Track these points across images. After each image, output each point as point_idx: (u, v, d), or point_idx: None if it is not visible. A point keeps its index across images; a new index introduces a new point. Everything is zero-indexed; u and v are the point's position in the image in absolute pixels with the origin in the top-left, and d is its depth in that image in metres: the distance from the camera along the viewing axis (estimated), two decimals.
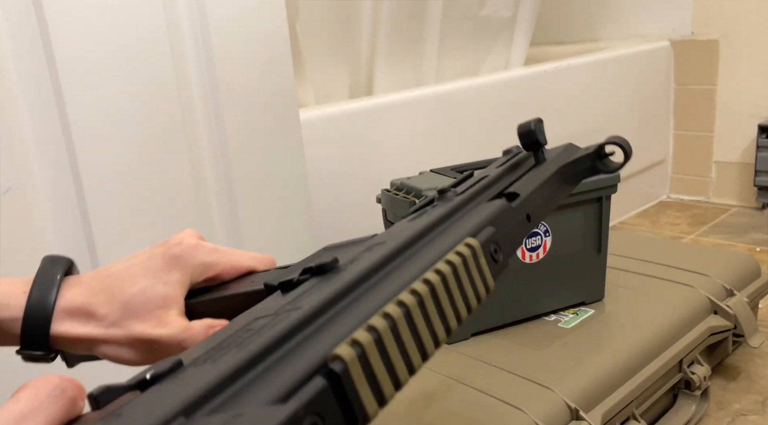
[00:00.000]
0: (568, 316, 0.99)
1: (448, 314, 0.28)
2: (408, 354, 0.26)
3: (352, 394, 0.22)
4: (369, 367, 0.24)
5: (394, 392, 0.25)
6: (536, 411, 0.76)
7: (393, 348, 0.25)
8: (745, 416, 1.00)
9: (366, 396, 0.23)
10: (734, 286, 1.08)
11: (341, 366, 0.22)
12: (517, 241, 0.37)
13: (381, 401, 0.24)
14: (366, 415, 0.23)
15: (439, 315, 0.28)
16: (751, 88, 1.90)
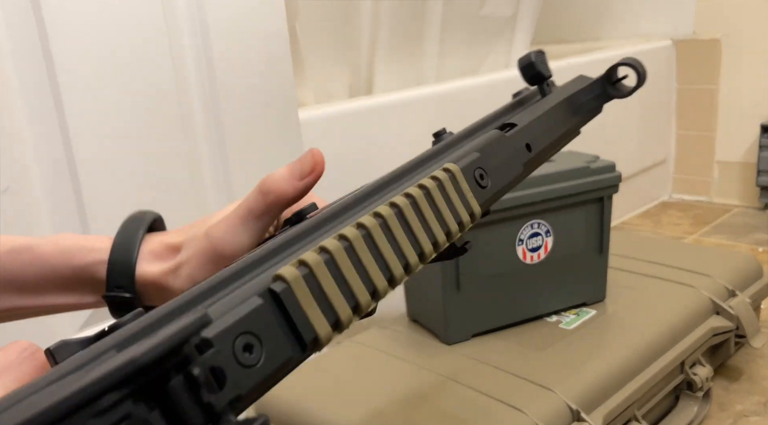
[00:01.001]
0: (569, 317, 0.99)
1: (421, 236, 0.27)
2: (369, 275, 0.24)
3: (297, 314, 0.22)
4: (318, 287, 0.23)
5: (352, 315, 0.23)
6: (537, 413, 0.76)
7: (349, 269, 0.24)
8: (747, 417, 0.99)
9: (315, 316, 0.22)
10: (736, 287, 1.08)
11: (282, 286, 0.22)
12: (514, 170, 0.35)
13: (336, 324, 0.23)
14: (316, 336, 0.22)
15: (408, 237, 0.26)
16: (754, 87, 1.89)
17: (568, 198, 0.95)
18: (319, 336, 0.22)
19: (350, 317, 0.23)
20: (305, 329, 0.22)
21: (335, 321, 0.23)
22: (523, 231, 0.94)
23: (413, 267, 0.27)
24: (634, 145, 1.92)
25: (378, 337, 0.99)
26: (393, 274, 0.25)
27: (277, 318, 0.21)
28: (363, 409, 0.81)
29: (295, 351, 0.22)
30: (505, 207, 0.91)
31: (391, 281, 0.25)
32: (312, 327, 0.22)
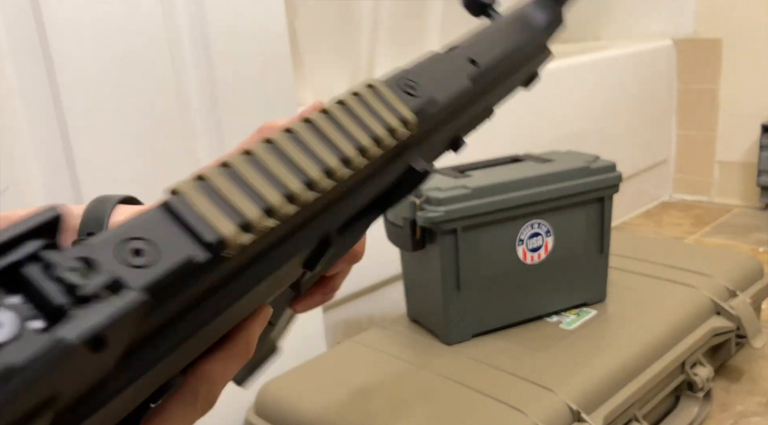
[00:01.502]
0: (569, 317, 0.99)
1: (339, 142, 0.27)
2: (279, 179, 0.24)
3: (192, 218, 0.22)
4: (218, 194, 0.23)
5: (262, 215, 0.23)
6: (538, 413, 0.75)
7: (252, 176, 0.24)
8: (748, 418, 0.99)
9: (215, 218, 0.22)
10: (737, 287, 1.07)
11: (175, 197, 0.22)
12: (458, 82, 0.35)
13: (245, 225, 0.23)
14: (221, 236, 0.22)
15: (323, 143, 0.26)
16: (754, 87, 1.89)
17: (568, 198, 0.95)
18: (224, 235, 0.22)
19: (260, 217, 0.23)
20: (205, 230, 0.22)
21: (243, 222, 0.23)
22: (524, 231, 0.94)
23: (336, 171, 0.26)
24: (635, 145, 1.92)
25: (378, 337, 0.98)
26: (310, 177, 0.25)
27: (174, 225, 0.22)
28: (363, 409, 0.81)
29: (198, 251, 0.21)
30: (505, 207, 0.91)
31: (311, 184, 0.25)
32: (213, 227, 0.22)
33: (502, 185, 0.91)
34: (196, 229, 0.22)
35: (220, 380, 0.27)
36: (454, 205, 0.88)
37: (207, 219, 0.22)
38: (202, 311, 0.24)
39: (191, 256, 0.21)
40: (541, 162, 1.00)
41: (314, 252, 0.29)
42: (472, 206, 0.89)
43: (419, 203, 0.90)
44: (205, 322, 0.24)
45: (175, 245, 0.21)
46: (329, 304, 1.15)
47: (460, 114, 0.37)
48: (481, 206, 0.89)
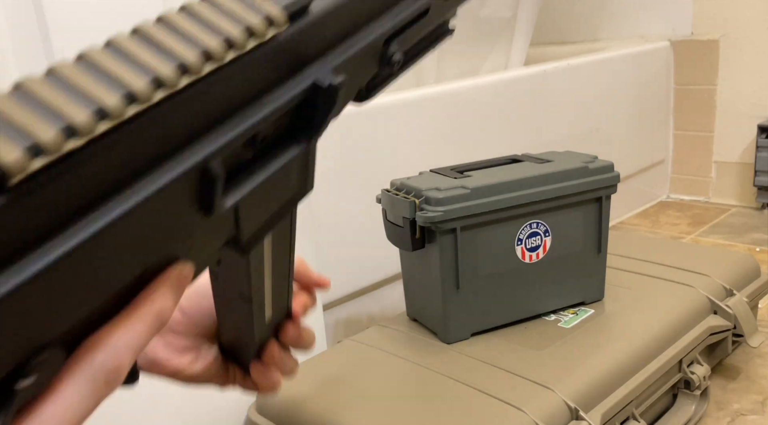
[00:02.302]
0: (567, 316, 0.99)
1: (176, 48, 0.23)
2: (88, 94, 0.20)
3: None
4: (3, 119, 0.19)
5: (61, 135, 0.19)
6: (536, 411, 0.76)
7: (49, 92, 0.20)
8: (745, 416, 1.00)
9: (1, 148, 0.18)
10: (734, 286, 1.08)
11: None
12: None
13: (34, 147, 0.19)
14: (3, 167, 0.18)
15: (154, 51, 0.22)
16: (751, 88, 1.90)
17: (566, 198, 0.96)
18: (5, 162, 0.18)
19: (57, 137, 0.19)
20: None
21: (31, 144, 0.19)
22: (522, 231, 0.94)
23: (167, 80, 0.22)
24: (632, 145, 1.93)
25: (377, 336, 0.99)
26: (131, 88, 0.21)
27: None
28: (362, 408, 0.81)
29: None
30: (504, 207, 0.91)
31: (131, 96, 0.21)
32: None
33: (500, 185, 0.92)
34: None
35: (123, 348, 0.24)
36: (453, 205, 0.89)
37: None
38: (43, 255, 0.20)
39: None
40: (539, 162, 1.01)
41: (201, 189, 0.25)
42: (471, 206, 0.89)
43: (419, 203, 0.90)
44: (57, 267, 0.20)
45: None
46: (329, 303, 1.16)
47: (375, 17, 0.32)
48: (480, 206, 0.90)
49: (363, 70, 0.33)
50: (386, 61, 0.34)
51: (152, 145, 0.23)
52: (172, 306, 0.26)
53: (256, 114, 0.26)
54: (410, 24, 0.35)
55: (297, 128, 0.29)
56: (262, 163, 0.28)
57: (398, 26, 0.34)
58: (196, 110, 0.24)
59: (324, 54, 0.29)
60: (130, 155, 0.22)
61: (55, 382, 0.22)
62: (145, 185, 0.23)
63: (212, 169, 0.25)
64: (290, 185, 0.31)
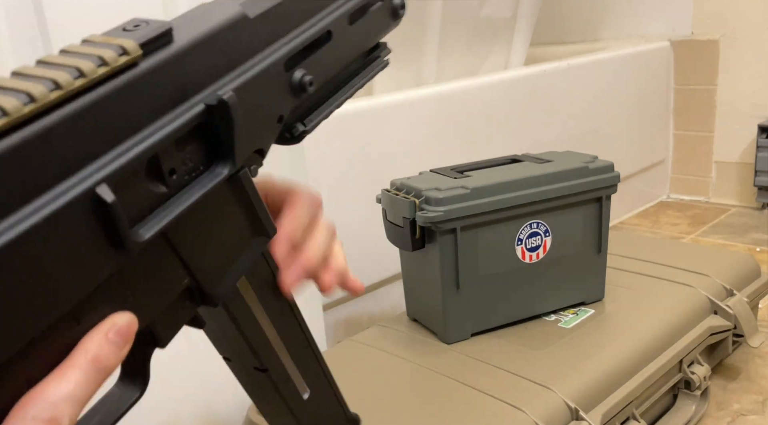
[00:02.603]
0: (568, 316, 0.99)
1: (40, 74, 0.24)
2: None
3: None
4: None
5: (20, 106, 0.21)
6: (536, 411, 0.76)
7: None
8: (745, 416, 1.00)
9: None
10: (734, 286, 1.08)
11: None
12: (225, 11, 0.31)
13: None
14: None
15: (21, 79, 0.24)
16: (751, 88, 1.90)
17: (566, 198, 0.96)
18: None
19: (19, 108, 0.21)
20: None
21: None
22: (522, 231, 0.94)
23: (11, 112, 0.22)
24: (632, 145, 1.93)
25: (377, 336, 0.99)
26: None
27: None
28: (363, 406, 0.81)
29: None
30: (504, 207, 0.91)
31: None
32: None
33: (501, 185, 0.92)
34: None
35: (58, 399, 0.24)
36: (453, 205, 0.89)
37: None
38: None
39: None
40: (539, 162, 1.01)
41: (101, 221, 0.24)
42: (471, 206, 0.89)
43: (419, 203, 0.90)
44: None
45: None
46: (329, 303, 1.16)
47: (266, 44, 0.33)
48: (480, 206, 0.90)
49: (273, 99, 0.34)
50: (297, 88, 0.34)
51: (19, 175, 0.22)
52: (110, 355, 0.25)
53: (145, 140, 0.26)
54: (311, 49, 0.35)
55: (212, 157, 0.30)
56: (179, 195, 0.28)
57: (294, 51, 0.34)
58: (66, 140, 0.23)
59: (211, 83, 0.30)
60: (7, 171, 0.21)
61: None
62: (28, 213, 0.22)
63: (100, 194, 0.24)
64: (239, 227, 0.31)
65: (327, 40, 0.36)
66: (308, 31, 0.35)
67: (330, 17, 0.36)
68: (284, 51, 0.33)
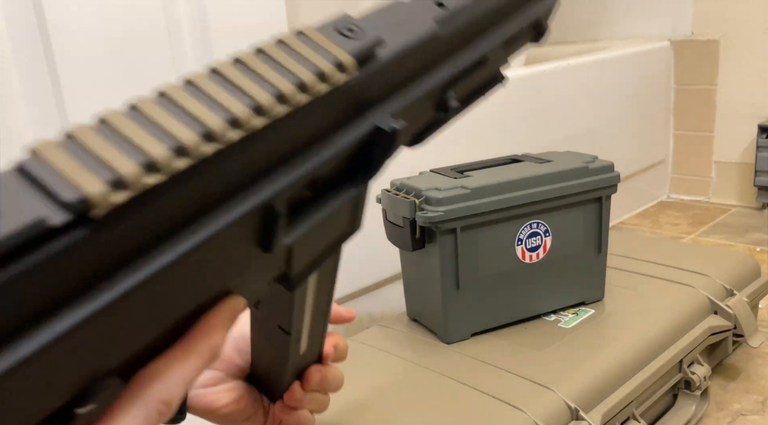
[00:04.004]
0: (568, 316, 0.99)
1: (250, 88, 0.23)
2: (168, 131, 0.21)
3: (50, 178, 0.19)
4: (84, 150, 0.20)
5: (140, 170, 0.20)
6: (536, 411, 0.76)
7: (130, 128, 0.21)
8: (745, 416, 1.00)
9: (77, 176, 0.19)
10: (734, 286, 1.08)
11: (31, 158, 0.19)
12: (420, 25, 0.30)
13: (117, 182, 0.19)
14: (83, 195, 0.19)
15: (228, 91, 0.23)
16: (752, 88, 1.90)
17: (566, 198, 0.96)
18: (88, 193, 0.19)
19: (137, 173, 0.20)
20: (65, 190, 0.19)
21: (114, 178, 0.19)
22: (522, 231, 0.94)
23: (242, 120, 0.22)
24: (633, 145, 1.93)
25: (377, 336, 0.99)
26: (208, 127, 0.22)
27: (28, 189, 0.19)
28: (362, 406, 0.81)
29: (57, 212, 0.18)
30: (504, 207, 0.91)
31: (209, 136, 0.22)
32: (75, 186, 0.19)
33: (501, 185, 0.92)
34: (55, 192, 0.18)
35: (177, 381, 0.24)
36: (453, 205, 0.88)
37: (68, 179, 0.19)
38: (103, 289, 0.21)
39: (42, 217, 0.18)
40: (539, 162, 1.01)
41: (263, 227, 0.26)
42: (471, 206, 0.89)
43: (419, 203, 0.90)
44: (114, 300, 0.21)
45: (25, 208, 0.18)
46: None
47: (437, 64, 0.32)
48: (480, 206, 0.90)
49: (420, 116, 0.34)
50: (442, 108, 0.35)
51: (223, 182, 0.23)
52: (224, 340, 0.27)
53: (320, 155, 0.27)
54: (469, 72, 0.35)
55: (354, 169, 0.30)
56: (320, 203, 0.29)
57: (457, 75, 0.34)
58: (265, 150, 0.24)
59: (386, 99, 0.30)
60: (202, 191, 0.23)
61: (112, 410, 0.23)
62: (212, 220, 0.23)
63: (276, 207, 0.25)
64: (341, 224, 0.32)
65: (483, 64, 0.36)
66: (475, 53, 0.35)
67: (494, 41, 0.36)
68: (451, 73, 0.33)
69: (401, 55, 0.29)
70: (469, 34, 0.34)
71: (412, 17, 0.30)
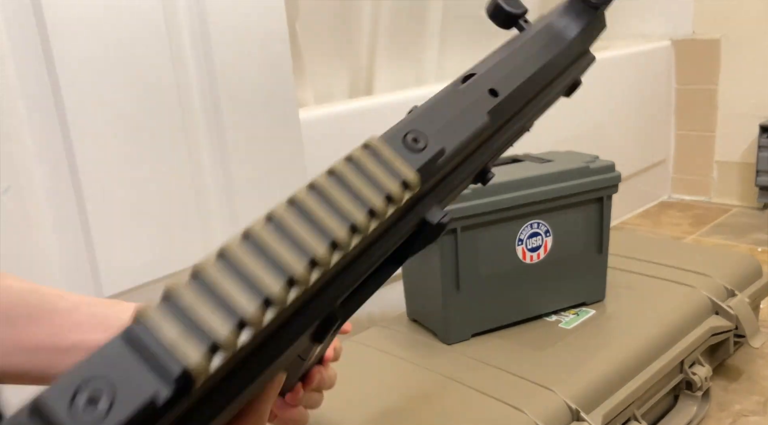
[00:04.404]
0: (568, 316, 0.99)
1: (329, 223, 0.23)
2: (257, 284, 0.21)
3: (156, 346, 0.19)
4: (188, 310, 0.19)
5: (234, 331, 0.19)
6: (537, 412, 0.76)
7: (226, 284, 0.20)
8: (747, 417, 1.00)
9: (182, 344, 0.19)
10: (735, 286, 1.08)
11: (137, 324, 0.19)
12: (474, 121, 0.31)
13: (213, 346, 0.19)
14: (185, 369, 0.19)
15: (310, 227, 0.23)
16: (753, 87, 1.89)
17: (567, 198, 0.95)
18: (189, 367, 0.18)
19: (232, 336, 0.19)
20: (169, 361, 0.18)
21: (211, 344, 0.19)
22: (523, 231, 0.94)
23: (321, 260, 0.22)
24: (634, 145, 1.92)
25: (378, 337, 0.99)
26: (292, 274, 0.21)
27: (134, 357, 0.19)
28: (362, 408, 0.81)
29: (163, 388, 0.18)
30: (504, 207, 0.91)
31: (291, 281, 0.21)
32: (177, 356, 0.19)
33: (501, 185, 0.91)
34: (162, 363, 0.18)
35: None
36: (453, 205, 0.88)
37: (171, 347, 0.19)
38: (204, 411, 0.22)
39: (153, 395, 0.18)
40: (540, 162, 1.00)
41: (321, 325, 0.27)
42: (472, 206, 0.89)
43: None
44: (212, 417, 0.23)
45: (136, 384, 0.18)
46: None
47: (482, 149, 0.34)
48: (480, 206, 0.89)
49: (461, 190, 0.36)
50: (482, 179, 0.37)
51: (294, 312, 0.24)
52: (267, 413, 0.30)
53: (374, 255, 0.28)
54: (509, 144, 0.37)
55: (397, 255, 0.31)
56: (364, 290, 0.30)
57: (498, 150, 0.36)
58: (333, 273, 0.25)
59: (434, 191, 0.31)
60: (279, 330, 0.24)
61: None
62: (288, 334, 0.25)
63: (336, 313, 0.27)
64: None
65: (521, 133, 0.38)
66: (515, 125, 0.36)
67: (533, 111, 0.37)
68: (492, 152, 0.35)
69: (455, 154, 0.30)
70: (515, 112, 0.35)
71: (468, 111, 0.31)
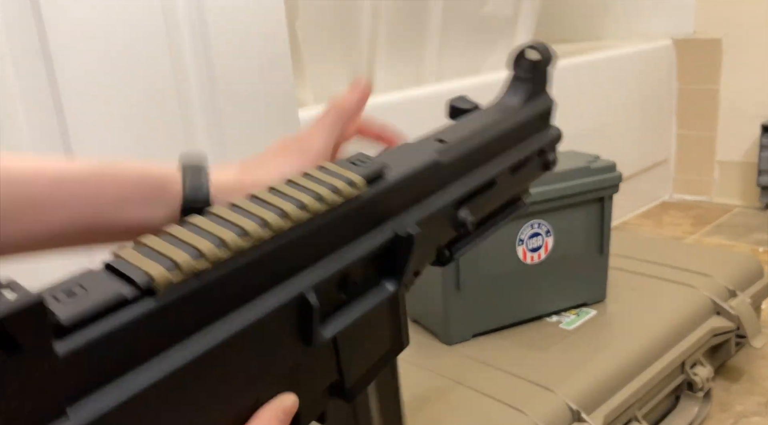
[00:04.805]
0: (569, 317, 0.99)
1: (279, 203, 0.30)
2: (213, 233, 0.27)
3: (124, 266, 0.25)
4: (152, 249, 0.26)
5: (192, 259, 0.26)
6: (537, 413, 0.75)
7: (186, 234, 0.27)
8: (748, 418, 0.99)
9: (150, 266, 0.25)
10: (737, 287, 1.07)
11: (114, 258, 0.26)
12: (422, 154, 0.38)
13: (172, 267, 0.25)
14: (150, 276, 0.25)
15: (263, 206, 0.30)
16: (754, 87, 1.89)
17: (568, 198, 0.95)
18: (152, 275, 0.25)
19: (189, 260, 0.26)
20: (134, 273, 0.25)
21: (172, 263, 0.25)
22: (524, 231, 0.94)
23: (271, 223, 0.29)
24: (635, 145, 1.92)
25: None
26: (244, 228, 0.28)
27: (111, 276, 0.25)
28: None
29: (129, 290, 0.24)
30: None
31: (244, 233, 0.28)
32: (142, 270, 0.25)
33: None
34: (128, 274, 0.25)
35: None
36: None
37: (139, 266, 0.25)
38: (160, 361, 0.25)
39: (118, 293, 0.24)
40: None
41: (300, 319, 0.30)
42: None
43: None
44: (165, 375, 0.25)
45: (107, 289, 0.24)
46: None
47: (445, 185, 0.39)
48: None
49: (439, 231, 0.40)
50: (459, 225, 0.41)
51: (260, 274, 0.28)
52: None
53: (345, 257, 0.32)
54: (478, 192, 0.42)
55: (383, 275, 0.35)
56: (354, 304, 0.34)
57: (465, 194, 0.41)
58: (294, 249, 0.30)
59: (402, 213, 0.36)
60: (243, 280, 0.28)
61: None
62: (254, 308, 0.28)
63: (309, 299, 0.30)
64: (384, 336, 0.37)
65: (491, 187, 0.43)
66: (480, 177, 0.42)
67: (498, 167, 0.44)
68: (458, 193, 0.40)
69: (408, 176, 0.36)
70: (471, 161, 0.41)
71: (416, 151, 0.39)
